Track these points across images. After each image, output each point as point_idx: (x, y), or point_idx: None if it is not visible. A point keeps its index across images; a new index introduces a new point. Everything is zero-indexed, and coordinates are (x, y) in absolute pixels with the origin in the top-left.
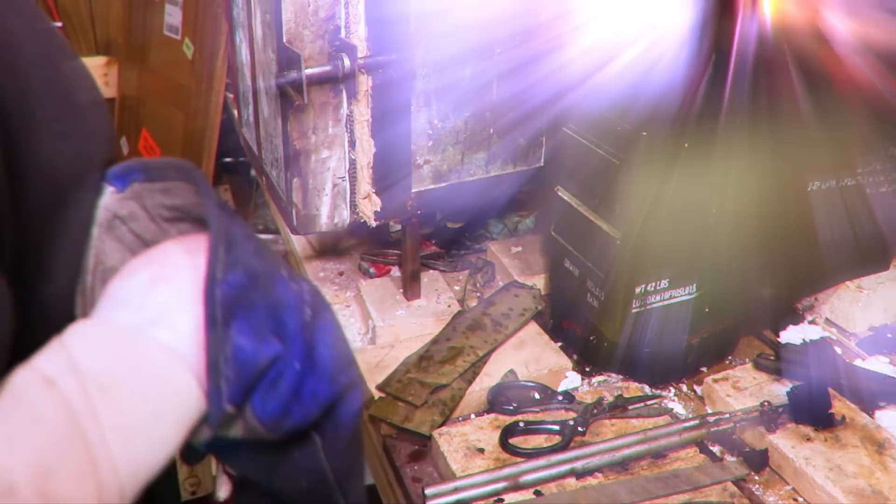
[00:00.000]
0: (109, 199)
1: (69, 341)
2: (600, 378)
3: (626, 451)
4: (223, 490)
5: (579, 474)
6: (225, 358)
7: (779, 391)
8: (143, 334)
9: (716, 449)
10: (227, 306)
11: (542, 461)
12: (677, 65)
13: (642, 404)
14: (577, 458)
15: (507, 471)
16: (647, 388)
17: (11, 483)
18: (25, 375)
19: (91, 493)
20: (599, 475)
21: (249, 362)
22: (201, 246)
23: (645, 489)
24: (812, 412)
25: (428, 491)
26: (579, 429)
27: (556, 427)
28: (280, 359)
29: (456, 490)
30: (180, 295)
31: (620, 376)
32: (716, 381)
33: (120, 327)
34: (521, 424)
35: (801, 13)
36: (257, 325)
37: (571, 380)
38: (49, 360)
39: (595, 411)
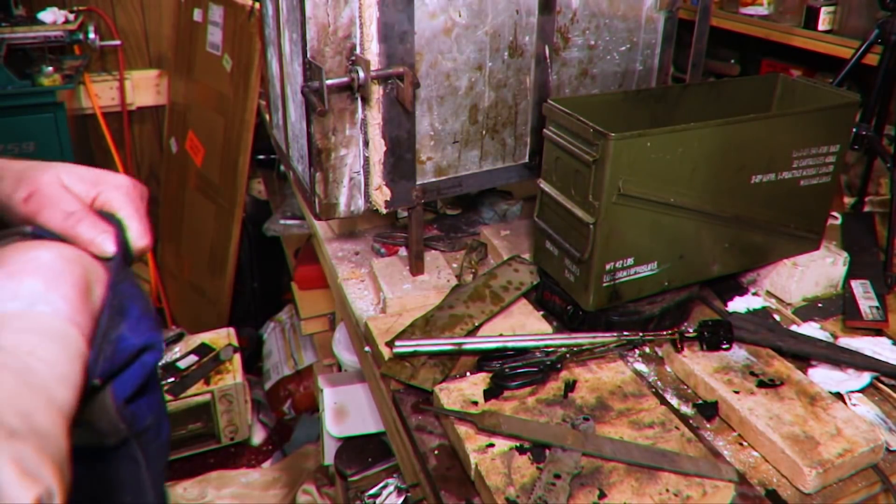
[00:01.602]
0: None
1: None
2: None
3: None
4: (258, 436)
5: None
6: (109, 339)
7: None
8: (32, 311)
9: (674, 401)
10: (120, 304)
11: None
12: (641, 74)
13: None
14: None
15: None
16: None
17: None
18: None
19: (57, 420)
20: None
21: (126, 350)
22: (38, 245)
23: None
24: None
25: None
26: (557, 366)
27: (535, 369)
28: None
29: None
30: (43, 283)
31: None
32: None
33: (11, 313)
34: (507, 370)
35: None
36: (135, 324)
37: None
38: None
39: (568, 356)
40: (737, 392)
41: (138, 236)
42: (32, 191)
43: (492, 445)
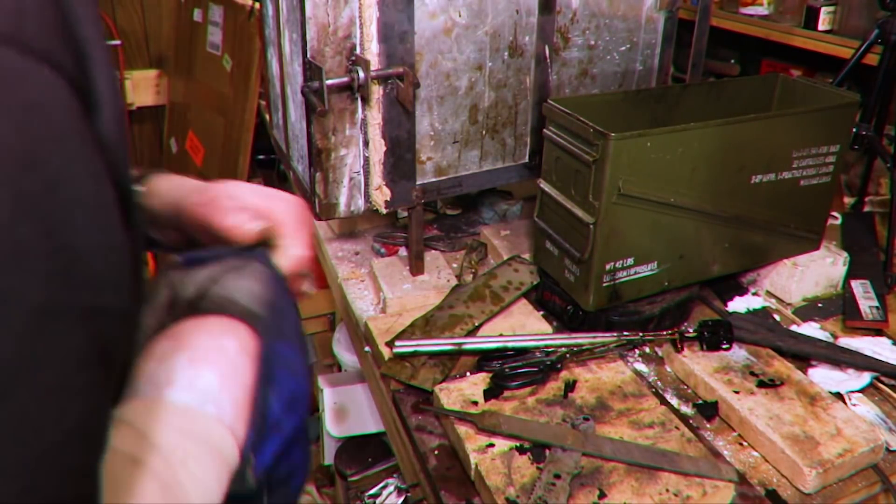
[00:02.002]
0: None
1: (138, 421)
2: None
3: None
4: None
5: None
6: (257, 409)
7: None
8: (199, 411)
9: (674, 401)
10: (270, 372)
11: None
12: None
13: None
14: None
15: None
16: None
17: None
18: (110, 458)
19: None
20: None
21: (274, 426)
22: (223, 330)
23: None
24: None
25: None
26: (557, 366)
27: (535, 369)
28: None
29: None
30: (219, 377)
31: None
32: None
33: (178, 406)
34: (507, 369)
35: None
36: (287, 399)
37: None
38: (125, 441)
39: (568, 356)
40: (737, 392)
41: (297, 251)
42: (211, 197)
43: (492, 445)
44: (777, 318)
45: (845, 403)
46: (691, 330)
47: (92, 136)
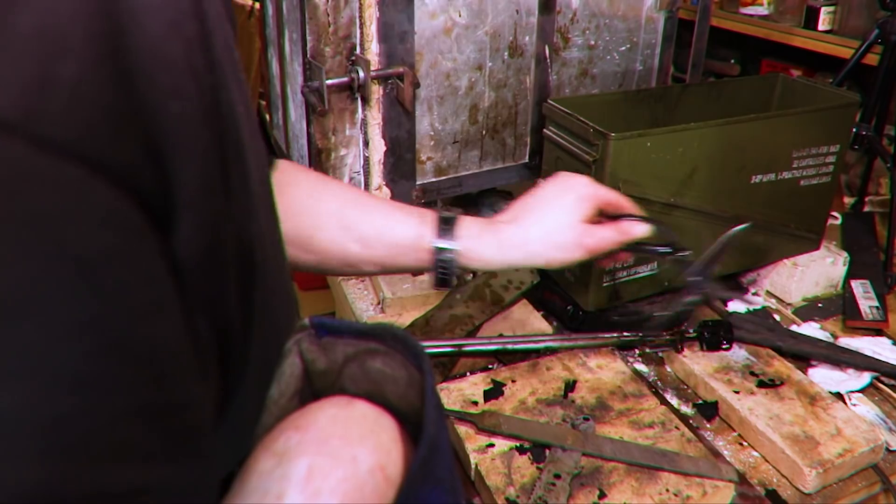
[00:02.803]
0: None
1: None
2: None
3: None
4: None
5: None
6: None
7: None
8: None
9: (674, 401)
10: None
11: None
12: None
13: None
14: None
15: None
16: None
17: None
18: None
19: None
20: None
21: None
22: (363, 431)
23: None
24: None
25: None
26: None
27: None
28: None
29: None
30: (333, 499)
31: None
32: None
33: None
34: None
35: None
36: None
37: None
38: None
39: None
40: (737, 392)
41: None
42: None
43: (492, 445)
44: (777, 318)
45: (845, 403)
46: (691, 330)
47: (149, 265)
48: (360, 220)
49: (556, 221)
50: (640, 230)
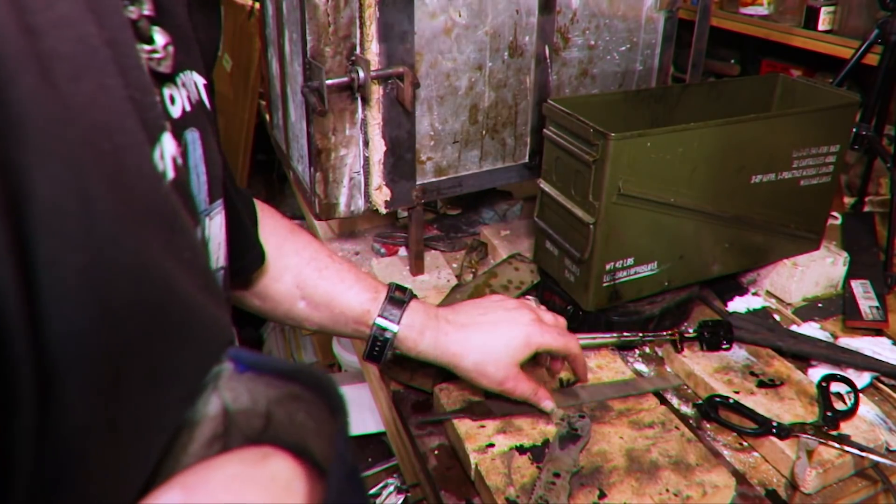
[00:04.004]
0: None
1: None
2: None
3: None
4: None
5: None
6: None
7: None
8: None
9: (674, 401)
10: None
11: None
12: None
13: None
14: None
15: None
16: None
17: None
18: None
19: None
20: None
21: None
22: (262, 497)
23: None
24: (709, 341)
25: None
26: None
27: None
28: None
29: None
30: None
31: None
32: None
33: None
34: None
35: None
36: None
37: None
38: None
39: None
40: (737, 392)
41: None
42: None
43: (492, 445)
44: (777, 318)
45: (845, 403)
46: (691, 330)
47: None
48: (314, 282)
49: (495, 354)
50: (546, 407)
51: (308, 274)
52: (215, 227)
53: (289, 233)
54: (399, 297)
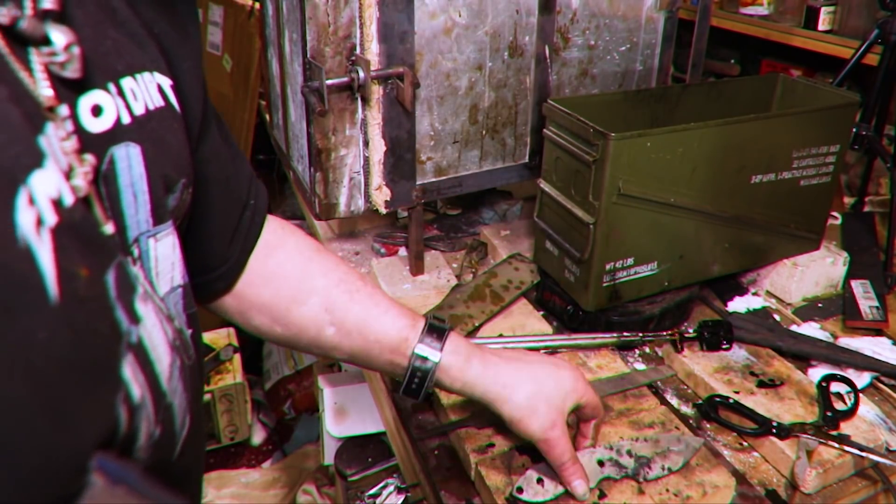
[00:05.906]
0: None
1: None
2: None
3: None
4: (258, 436)
5: None
6: None
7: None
8: None
9: (674, 401)
10: None
11: None
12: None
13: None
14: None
15: None
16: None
17: None
18: None
19: None
20: None
21: None
22: None
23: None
24: (709, 341)
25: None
26: None
27: None
28: None
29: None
30: None
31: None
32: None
33: None
34: None
35: None
36: None
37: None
38: None
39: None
40: (737, 392)
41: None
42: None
43: (492, 445)
44: (777, 318)
45: (845, 403)
46: (691, 330)
47: None
48: (345, 306)
49: (547, 391)
50: (577, 490)
51: (338, 297)
52: (164, 248)
53: (314, 252)
54: (439, 326)
